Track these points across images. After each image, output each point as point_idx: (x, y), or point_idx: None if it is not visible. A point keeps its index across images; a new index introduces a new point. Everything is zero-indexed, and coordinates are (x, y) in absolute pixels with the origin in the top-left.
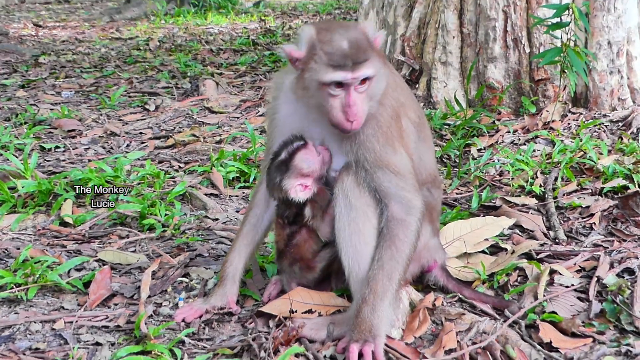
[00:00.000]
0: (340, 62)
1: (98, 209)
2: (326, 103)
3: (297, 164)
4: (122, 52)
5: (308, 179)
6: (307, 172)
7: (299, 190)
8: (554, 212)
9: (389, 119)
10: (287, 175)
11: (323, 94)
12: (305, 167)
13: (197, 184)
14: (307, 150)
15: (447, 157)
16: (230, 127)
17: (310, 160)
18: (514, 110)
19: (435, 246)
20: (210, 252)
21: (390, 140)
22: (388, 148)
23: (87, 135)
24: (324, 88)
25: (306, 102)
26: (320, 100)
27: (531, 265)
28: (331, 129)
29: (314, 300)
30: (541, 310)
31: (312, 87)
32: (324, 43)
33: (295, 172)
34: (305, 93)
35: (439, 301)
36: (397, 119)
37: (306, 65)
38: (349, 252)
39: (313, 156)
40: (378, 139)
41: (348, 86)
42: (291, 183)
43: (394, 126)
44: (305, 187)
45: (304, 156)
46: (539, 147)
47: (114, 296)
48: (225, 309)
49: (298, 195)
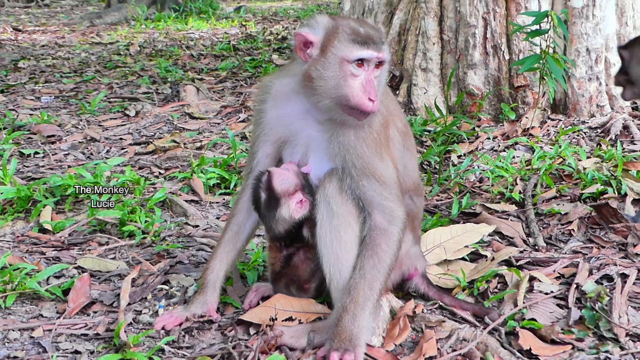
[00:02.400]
0: (365, 40)
1: (78, 215)
2: (345, 84)
3: (280, 190)
4: (102, 57)
5: (297, 194)
6: (293, 189)
7: (299, 208)
8: (533, 218)
9: (380, 125)
10: (280, 205)
11: (343, 74)
12: (288, 186)
13: (178, 190)
14: (276, 174)
15: (427, 164)
16: (211, 133)
17: (287, 179)
18: (493, 117)
19: (416, 254)
20: (191, 259)
21: (379, 147)
22: (375, 156)
23: (67, 141)
24: (345, 67)
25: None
26: (339, 82)
27: (511, 272)
28: (319, 132)
29: (294, 308)
30: (521, 317)
31: (331, 68)
32: (345, 26)
33: (284, 197)
34: (320, 78)
35: (419, 308)
36: (386, 127)
37: (326, 47)
38: (330, 259)
39: (285, 175)
40: (368, 145)
41: (368, 67)
42: (289, 207)
43: (383, 134)
44: (301, 202)
45: (278, 180)
46: (518, 154)
47: (93, 304)
48: (205, 316)
49: (300, 212)
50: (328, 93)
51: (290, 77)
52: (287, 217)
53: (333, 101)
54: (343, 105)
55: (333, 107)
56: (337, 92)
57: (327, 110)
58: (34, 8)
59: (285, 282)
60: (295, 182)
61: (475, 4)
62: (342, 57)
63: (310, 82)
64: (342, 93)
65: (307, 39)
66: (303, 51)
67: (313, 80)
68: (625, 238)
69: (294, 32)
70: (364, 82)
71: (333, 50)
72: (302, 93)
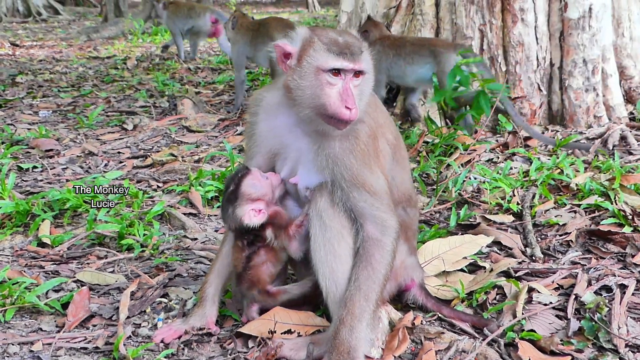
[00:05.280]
0: (339, 50)
1: (76, 229)
2: (322, 93)
3: (245, 190)
4: (99, 71)
5: (259, 202)
6: (257, 196)
7: (252, 216)
8: (531, 229)
9: (366, 137)
10: (237, 204)
11: (319, 83)
12: (254, 192)
13: (176, 203)
14: (252, 176)
15: (425, 176)
16: (208, 146)
17: (257, 185)
18: (491, 128)
19: (412, 265)
20: (189, 272)
21: (367, 159)
22: (364, 168)
23: (65, 155)
24: (321, 76)
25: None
26: (315, 91)
27: (510, 284)
28: (308, 144)
29: (293, 320)
30: (520, 329)
31: (307, 77)
32: (322, 36)
33: (245, 199)
34: (297, 88)
35: (418, 320)
36: (375, 139)
37: (302, 57)
38: (325, 272)
39: (259, 181)
40: (356, 156)
41: (345, 76)
42: (243, 210)
43: (371, 145)
44: (259, 211)
45: (250, 182)
46: (516, 165)
47: (92, 317)
48: (204, 329)
49: (252, 220)
50: (307, 103)
51: (278, 89)
52: (237, 217)
53: (312, 111)
54: (322, 115)
55: (314, 117)
56: (314, 102)
57: (310, 121)
58: (32, 23)
59: (247, 284)
60: (263, 192)
61: (471, 16)
62: (317, 66)
63: (290, 93)
64: (319, 102)
65: (285, 50)
66: (284, 63)
67: (292, 91)
68: (624, 249)
69: (273, 44)
70: (341, 91)
71: (308, 60)
72: (288, 105)
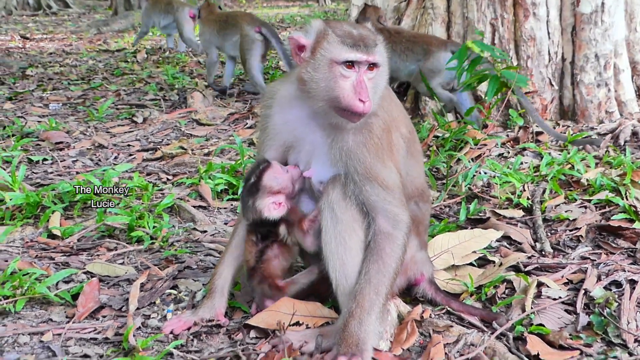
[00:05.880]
0: (353, 42)
1: (86, 221)
2: (336, 85)
3: (266, 183)
4: (109, 64)
5: (280, 196)
6: (277, 189)
7: (273, 209)
8: (540, 224)
9: (380, 131)
10: (258, 196)
11: (333, 75)
12: (275, 184)
13: (186, 196)
14: (274, 169)
15: (435, 170)
16: (218, 140)
17: (278, 178)
18: (501, 123)
19: (422, 259)
20: (199, 264)
21: (381, 153)
22: (378, 161)
23: (75, 148)
24: (334, 69)
25: (310, 96)
26: (329, 84)
27: (519, 278)
28: (322, 138)
29: (301, 312)
30: (529, 323)
31: (321, 70)
32: (336, 29)
33: (266, 191)
34: (311, 80)
35: (427, 313)
36: (388, 133)
37: (316, 49)
38: (335, 265)
39: (280, 174)
40: (369, 150)
41: (359, 68)
42: (264, 202)
43: (384, 139)
44: (279, 204)
45: (271, 175)
46: (526, 160)
47: (102, 308)
48: (213, 321)
49: (272, 213)
50: (320, 95)
51: (291, 82)
52: (258, 209)
53: (326, 103)
54: (336, 107)
55: (328, 110)
56: (328, 94)
57: (324, 114)
58: (42, 16)
59: (258, 278)
60: (284, 185)
61: (483, 10)
62: (331, 58)
63: (304, 85)
64: (333, 95)
65: (299, 43)
66: (298, 55)
67: (306, 83)
68: (634, 244)
69: (288, 37)
70: (355, 83)
71: (322, 52)
72: (302, 98)
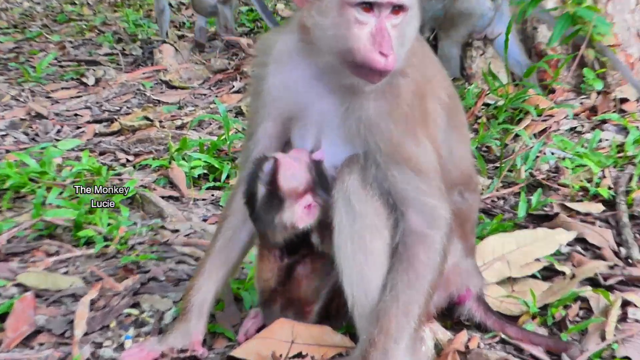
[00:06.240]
0: None
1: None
2: (349, 34)
3: (288, 187)
4: (51, 7)
5: (307, 196)
6: (302, 188)
7: (306, 215)
8: (626, 223)
9: (411, 95)
10: (284, 208)
11: (345, 20)
12: (297, 184)
13: (151, 183)
14: (284, 164)
15: (485, 149)
16: (195, 108)
17: (296, 174)
18: (573, 87)
19: (468, 269)
20: (168, 275)
21: (412, 125)
22: (408, 137)
23: (5, 118)
24: (347, 12)
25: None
26: (339, 32)
27: (597, 295)
28: (333, 105)
29: (303, 339)
30: (610, 355)
31: (330, 13)
32: None
33: (292, 197)
34: (317, 27)
35: (474, 342)
36: (422, 99)
37: None
38: (352, 276)
39: (295, 167)
40: (396, 121)
41: (379, 12)
42: (294, 213)
43: (417, 107)
44: (309, 206)
45: (287, 173)
46: (607, 136)
47: (39, 333)
48: (187, 351)
49: (307, 220)
50: (329, 47)
51: (291, 32)
52: (288, 224)
53: (336, 58)
54: (349, 63)
55: (339, 68)
56: (338, 45)
57: (334, 73)
58: None
59: (281, 303)
60: (306, 179)
61: None
62: None
63: (308, 35)
64: (345, 47)
65: None
66: None
67: (310, 32)
68: None
69: None
70: (374, 32)
71: None
72: (306, 52)
